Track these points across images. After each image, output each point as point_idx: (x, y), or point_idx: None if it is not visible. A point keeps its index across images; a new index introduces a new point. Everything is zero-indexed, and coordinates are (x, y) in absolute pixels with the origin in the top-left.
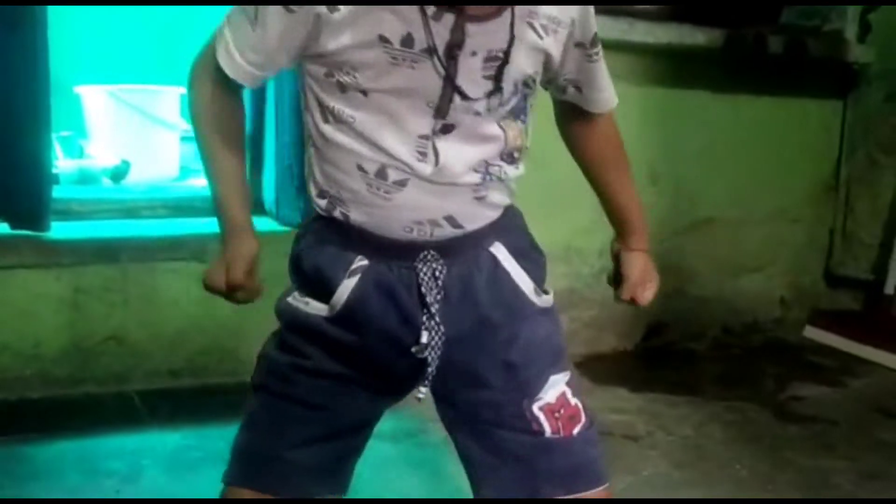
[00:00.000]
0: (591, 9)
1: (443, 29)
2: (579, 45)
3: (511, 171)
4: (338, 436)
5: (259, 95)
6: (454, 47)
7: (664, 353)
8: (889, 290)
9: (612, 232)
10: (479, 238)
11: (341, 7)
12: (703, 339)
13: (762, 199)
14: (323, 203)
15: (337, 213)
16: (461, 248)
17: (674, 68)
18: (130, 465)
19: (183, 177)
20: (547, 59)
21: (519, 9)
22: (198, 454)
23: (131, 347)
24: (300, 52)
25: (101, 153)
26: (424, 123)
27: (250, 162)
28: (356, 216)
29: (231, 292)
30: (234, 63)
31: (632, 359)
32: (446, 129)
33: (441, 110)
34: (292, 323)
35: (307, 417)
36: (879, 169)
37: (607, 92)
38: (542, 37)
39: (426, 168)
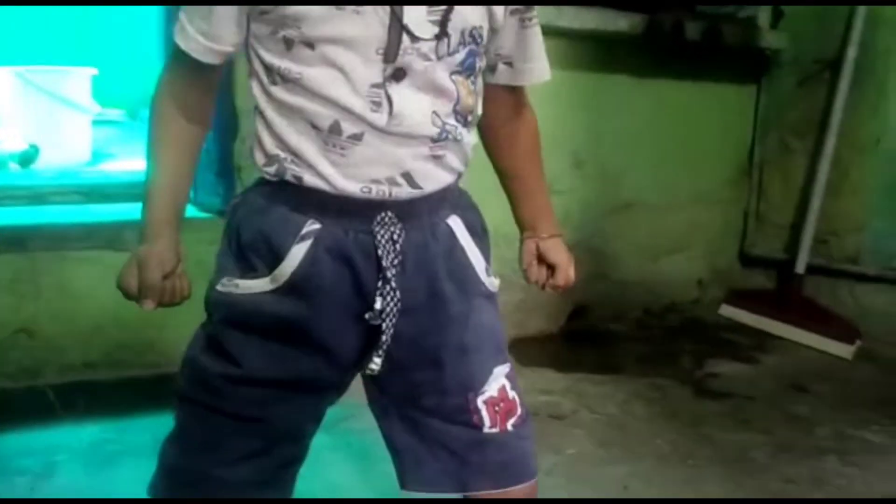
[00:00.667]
0: None
1: None
2: (515, 11)
3: (465, 135)
4: (277, 446)
5: None
6: None
7: (588, 334)
8: (800, 269)
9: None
10: (437, 204)
11: None
12: (625, 320)
13: (682, 182)
14: (272, 169)
15: (288, 177)
16: (419, 213)
17: (598, 54)
18: (44, 461)
19: (95, 161)
20: (491, 17)
21: None
22: (116, 447)
23: (44, 341)
24: (247, 13)
25: (7, 137)
26: (375, 71)
27: None
28: (310, 178)
29: (143, 295)
30: (186, 35)
31: (558, 340)
32: (398, 76)
33: (390, 53)
34: (227, 315)
35: (242, 431)
36: (791, 152)
37: (541, 62)
38: None
39: (381, 118)
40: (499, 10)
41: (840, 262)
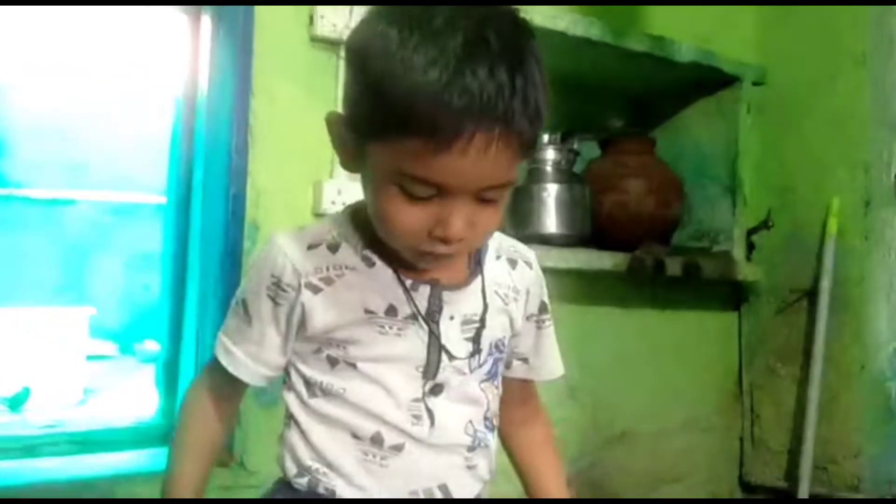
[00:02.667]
0: (543, 280)
1: (421, 298)
2: (531, 316)
3: (491, 439)
4: None
5: (177, 322)
6: (434, 313)
7: None
8: (803, 495)
9: None
10: None
11: (325, 287)
12: None
13: (674, 409)
14: (303, 481)
15: (321, 489)
16: None
17: (585, 289)
18: None
19: (86, 398)
20: (511, 324)
21: (487, 279)
22: None
23: None
24: (293, 336)
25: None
26: (415, 386)
27: (164, 388)
28: (345, 491)
29: None
30: (234, 359)
31: None
32: (436, 391)
33: (429, 371)
34: None
35: None
36: (779, 378)
37: (554, 360)
38: (507, 303)
39: (422, 430)
40: (519, 319)
41: (841, 491)
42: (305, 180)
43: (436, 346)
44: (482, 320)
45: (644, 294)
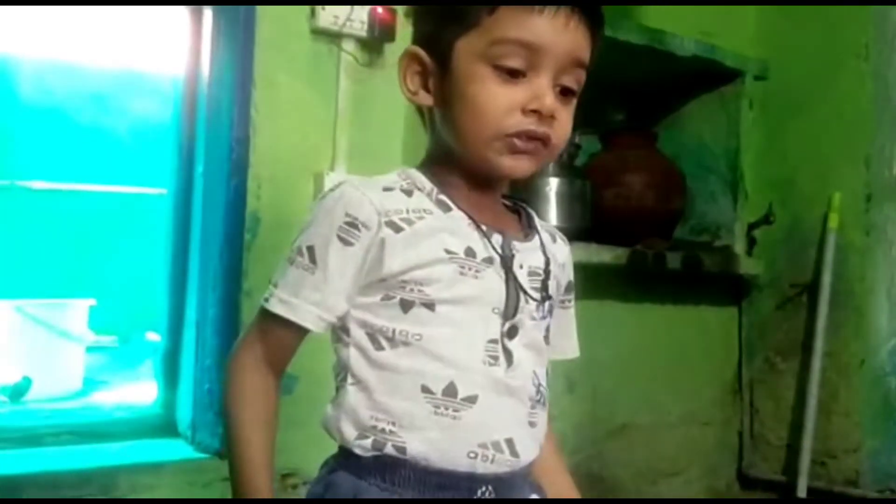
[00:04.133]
0: (571, 260)
1: (496, 243)
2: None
3: (547, 399)
4: None
5: (178, 313)
6: (508, 258)
7: None
8: (801, 493)
9: None
10: (524, 481)
11: (406, 227)
12: None
13: (673, 403)
14: (367, 443)
15: (388, 449)
16: (512, 489)
17: (585, 283)
18: None
19: (86, 390)
20: (557, 288)
21: (543, 237)
22: None
23: None
24: (363, 280)
25: (1, 370)
26: (493, 328)
27: (164, 380)
28: (416, 447)
29: None
30: (294, 306)
31: None
32: (511, 333)
33: (508, 311)
34: None
35: None
36: (778, 372)
37: (573, 340)
38: (558, 266)
39: (498, 371)
40: (563, 282)
41: (840, 485)
42: (307, 172)
43: (514, 287)
44: (546, 272)
45: (644, 288)
